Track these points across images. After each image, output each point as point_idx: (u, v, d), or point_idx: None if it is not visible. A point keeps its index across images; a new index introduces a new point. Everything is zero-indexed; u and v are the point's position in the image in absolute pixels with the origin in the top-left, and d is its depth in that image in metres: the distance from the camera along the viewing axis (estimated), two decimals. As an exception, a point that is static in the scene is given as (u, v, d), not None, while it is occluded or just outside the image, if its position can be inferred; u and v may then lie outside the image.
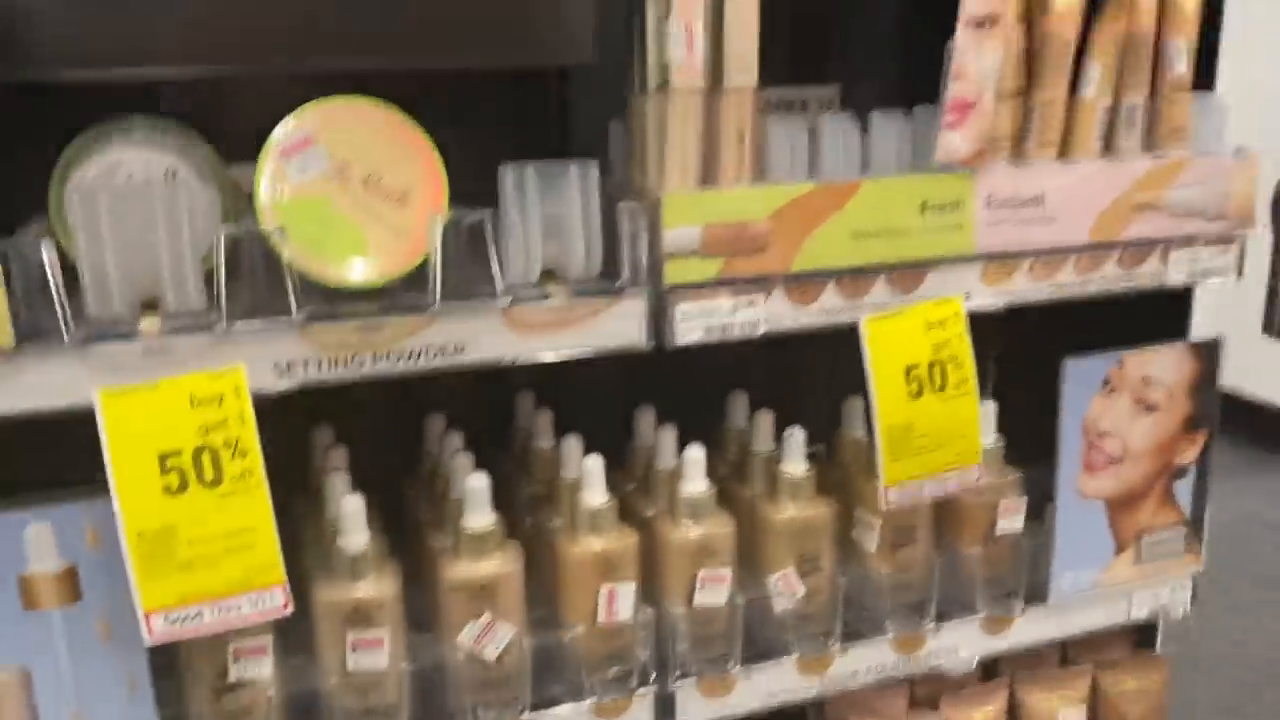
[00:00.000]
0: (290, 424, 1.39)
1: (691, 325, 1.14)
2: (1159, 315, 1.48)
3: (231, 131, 1.10)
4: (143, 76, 1.10)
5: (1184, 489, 1.47)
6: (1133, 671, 1.59)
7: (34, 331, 0.95)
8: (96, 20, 1.01)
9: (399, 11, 1.08)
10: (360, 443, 1.36)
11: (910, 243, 1.22)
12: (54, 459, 1.02)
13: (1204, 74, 1.36)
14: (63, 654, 1.01)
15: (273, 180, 1.02)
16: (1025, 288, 1.29)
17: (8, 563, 0.98)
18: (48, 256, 0.93)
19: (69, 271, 0.97)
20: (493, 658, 1.17)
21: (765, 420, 1.38)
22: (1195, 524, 1.49)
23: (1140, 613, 1.51)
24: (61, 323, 0.94)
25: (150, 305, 1.00)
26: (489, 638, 1.17)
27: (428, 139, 1.06)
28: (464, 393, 1.51)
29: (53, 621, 1.00)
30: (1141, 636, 1.64)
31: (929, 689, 1.52)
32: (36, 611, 1.00)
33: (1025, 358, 1.53)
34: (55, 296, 0.93)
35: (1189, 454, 1.45)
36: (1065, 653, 1.63)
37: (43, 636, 1.00)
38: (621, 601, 1.21)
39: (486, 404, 1.51)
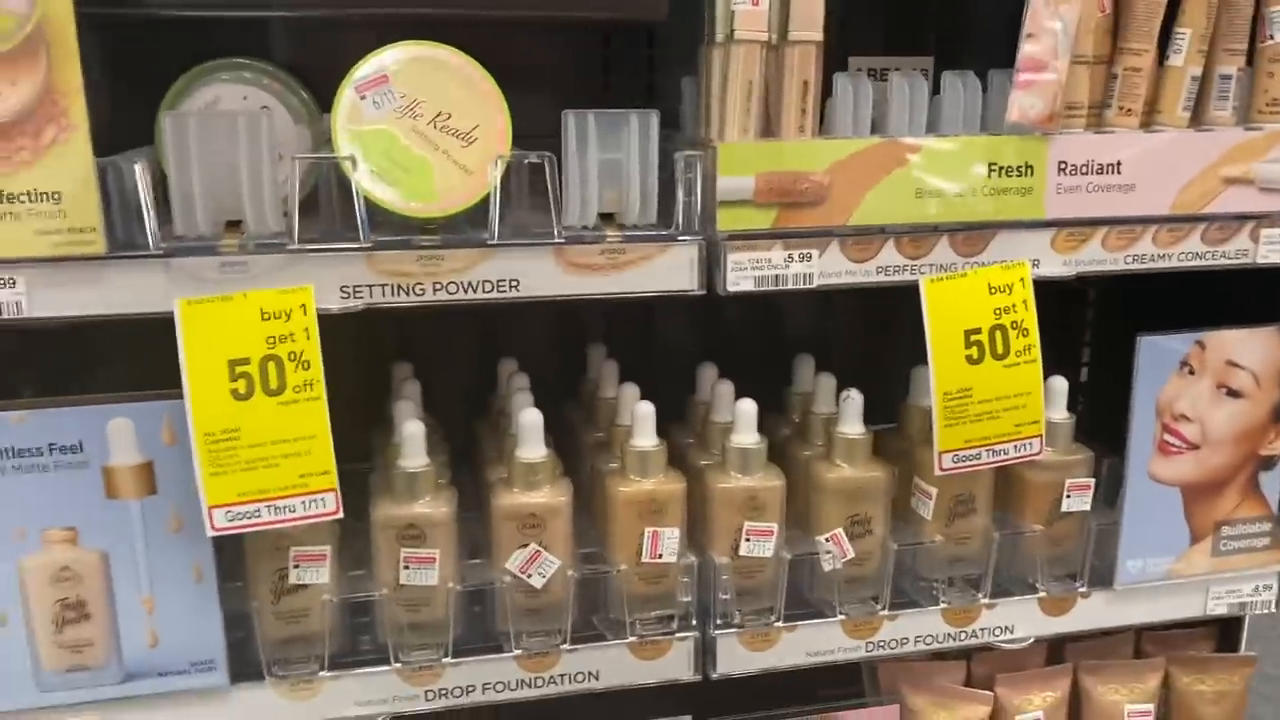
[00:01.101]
0: (381, 359, 1.49)
1: (743, 274, 1.16)
2: (1264, 297, 1.42)
3: (333, 83, 1.18)
4: (242, 14, 1.19)
5: (1272, 481, 1.40)
6: (1212, 670, 1.53)
7: (127, 244, 1.04)
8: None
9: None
10: (443, 384, 1.45)
11: (976, 204, 1.20)
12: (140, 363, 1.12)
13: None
14: (138, 541, 1.10)
15: (348, 114, 1.09)
16: (1099, 258, 1.26)
17: (94, 453, 1.08)
18: (139, 172, 1.02)
19: (167, 195, 1.07)
20: (539, 585, 1.22)
21: (827, 382, 1.39)
22: (1283, 519, 1.42)
23: (1218, 608, 1.45)
24: (148, 235, 1.03)
25: (232, 226, 1.08)
26: (535, 566, 1.21)
27: (494, 84, 1.11)
28: (543, 346, 1.57)
29: (131, 510, 1.09)
30: (1225, 634, 1.58)
31: (987, 668, 1.50)
32: (117, 500, 1.09)
33: (1120, 337, 1.48)
34: (144, 210, 1.02)
35: (1278, 444, 1.39)
36: (1140, 646, 1.58)
37: (122, 523, 1.10)
38: (665, 544, 1.24)
39: (565, 357, 1.57)
